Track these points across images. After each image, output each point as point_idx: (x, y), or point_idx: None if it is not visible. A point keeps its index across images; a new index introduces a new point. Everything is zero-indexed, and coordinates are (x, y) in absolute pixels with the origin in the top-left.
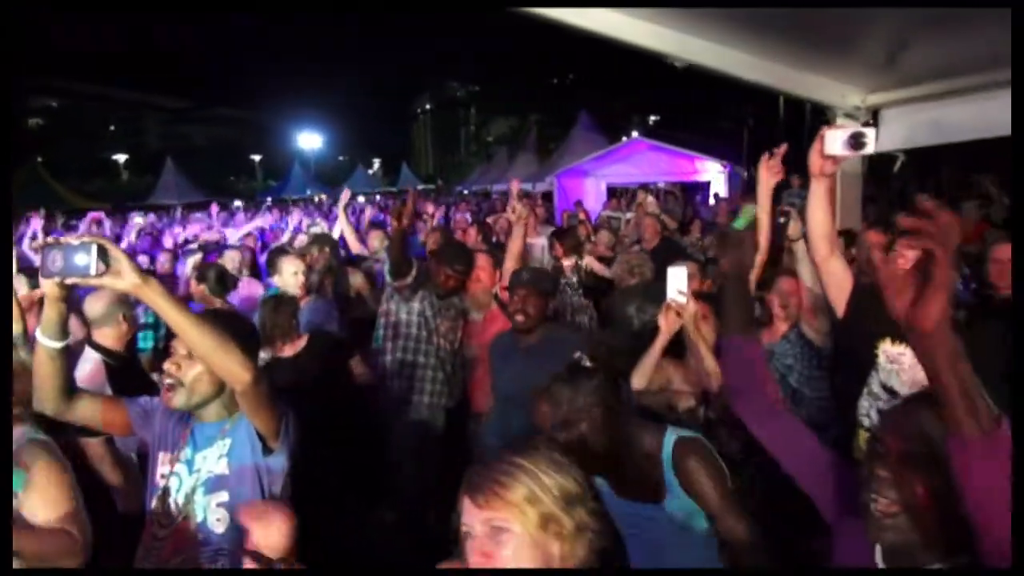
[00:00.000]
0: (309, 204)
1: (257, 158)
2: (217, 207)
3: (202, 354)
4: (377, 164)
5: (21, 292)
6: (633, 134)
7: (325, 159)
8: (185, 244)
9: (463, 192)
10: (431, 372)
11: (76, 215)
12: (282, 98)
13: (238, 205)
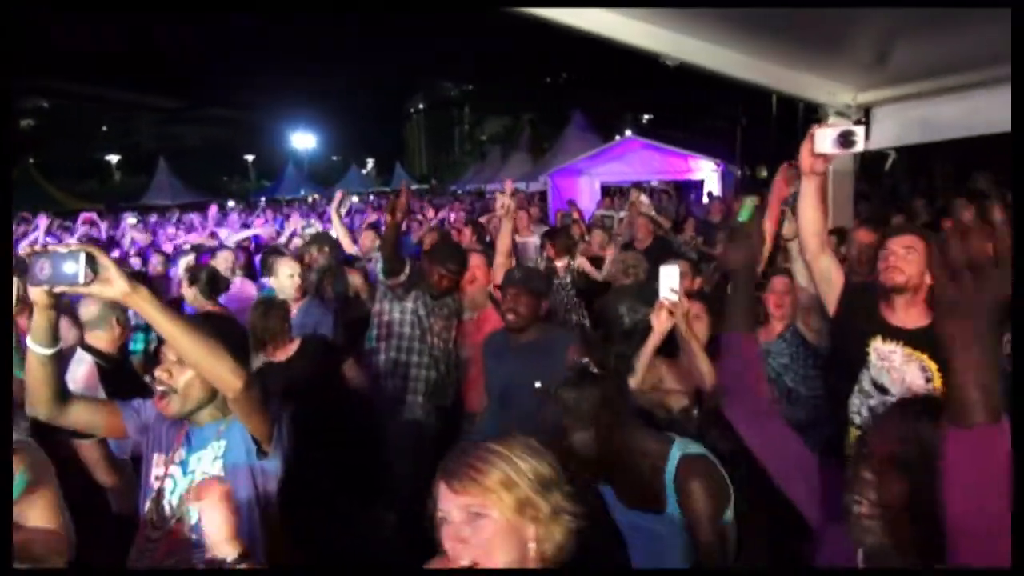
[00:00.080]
0: (303, 204)
1: (250, 158)
2: (216, 209)
3: (192, 362)
4: (371, 164)
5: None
6: (627, 133)
7: (319, 159)
8: (179, 248)
9: (457, 191)
10: (424, 372)
11: (69, 216)
12: (275, 98)
13: (232, 205)
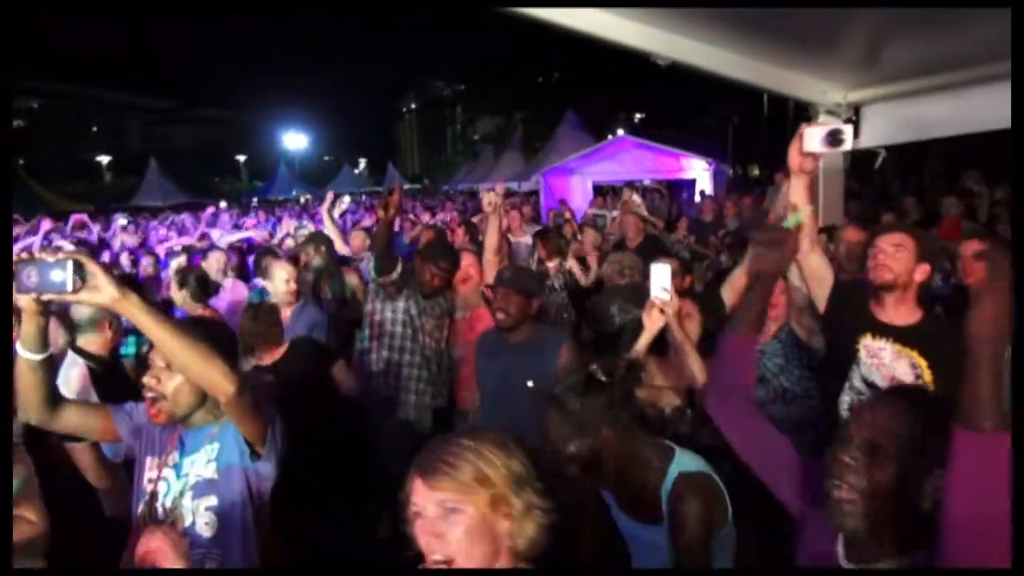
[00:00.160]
0: (295, 205)
1: (242, 159)
2: (212, 210)
3: (183, 366)
4: (363, 164)
5: None
6: (619, 132)
7: (311, 159)
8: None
9: (449, 191)
10: (416, 371)
11: (59, 217)
12: (267, 98)
13: (223, 206)
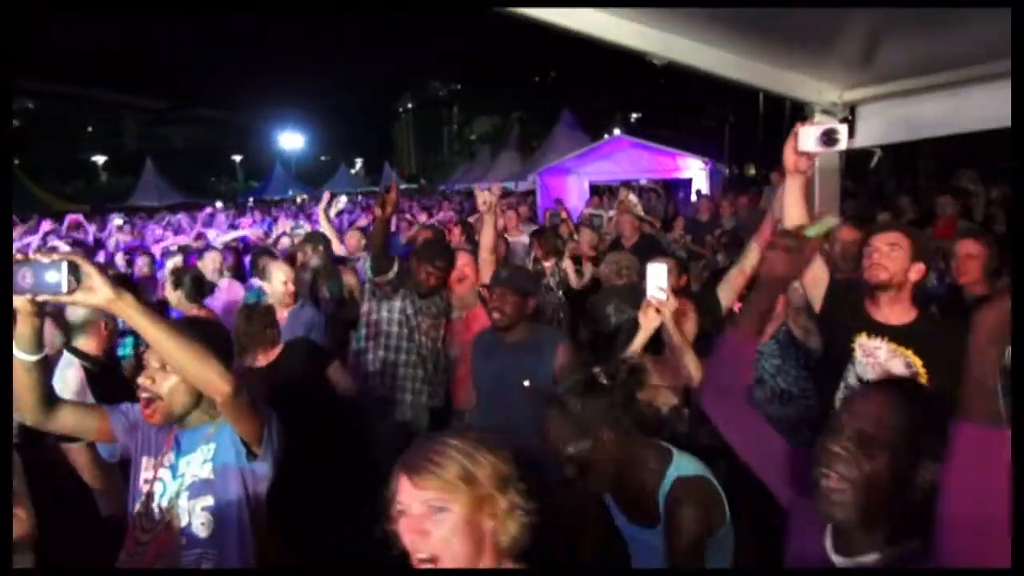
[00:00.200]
0: (291, 205)
1: (238, 159)
2: (209, 210)
3: (179, 367)
4: (359, 164)
5: None
6: (615, 132)
7: (307, 159)
8: (166, 251)
9: (446, 191)
10: (412, 371)
11: (55, 217)
12: (263, 98)
13: (220, 206)
